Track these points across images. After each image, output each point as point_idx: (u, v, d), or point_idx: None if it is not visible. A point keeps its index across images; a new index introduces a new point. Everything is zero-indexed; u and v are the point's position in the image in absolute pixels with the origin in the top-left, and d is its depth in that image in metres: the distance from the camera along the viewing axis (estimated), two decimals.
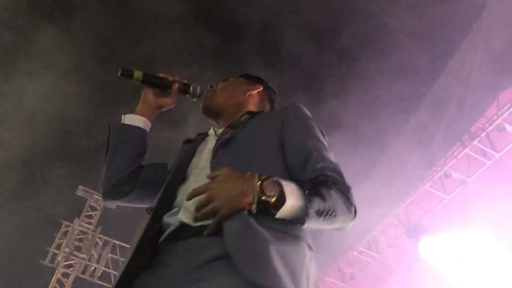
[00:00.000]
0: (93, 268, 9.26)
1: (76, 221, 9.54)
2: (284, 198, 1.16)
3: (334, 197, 1.23)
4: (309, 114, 1.53)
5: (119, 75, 1.58)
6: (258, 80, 1.82)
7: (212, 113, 1.70)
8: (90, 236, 9.48)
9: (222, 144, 1.39)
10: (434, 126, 6.26)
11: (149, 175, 1.57)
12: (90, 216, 9.84)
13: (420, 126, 6.43)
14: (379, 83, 6.71)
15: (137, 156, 1.57)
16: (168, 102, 1.68)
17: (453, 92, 6.13)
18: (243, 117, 1.55)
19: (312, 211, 1.17)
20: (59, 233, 9.35)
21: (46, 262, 9.05)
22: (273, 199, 1.15)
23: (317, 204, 1.18)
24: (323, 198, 1.20)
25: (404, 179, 6.78)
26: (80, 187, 9.91)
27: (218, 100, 1.69)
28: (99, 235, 9.61)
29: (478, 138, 6.14)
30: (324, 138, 1.48)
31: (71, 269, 9.18)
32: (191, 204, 1.23)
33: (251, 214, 1.14)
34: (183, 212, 1.28)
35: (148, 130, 1.64)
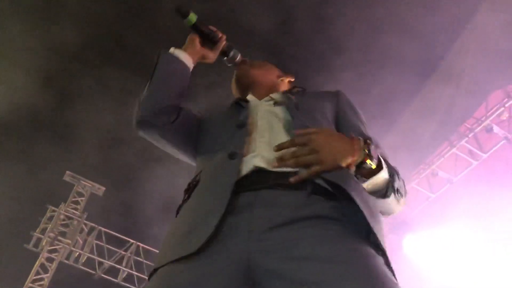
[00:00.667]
0: (77, 254, 9.23)
1: (62, 206, 9.48)
2: (381, 167, 1.15)
3: (401, 179, 1.25)
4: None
5: (175, 11, 1.55)
6: (290, 73, 1.85)
7: (247, 82, 1.68)
8: (75, 222, 9.43)
9: (294, 107, 1.36)
10: (423, 124, 6.31)
11: (189, 118, 1.48)
12: (76, 202, 9.78)
13: (409, 124, 6.47)
14: (367, 79, 6.73)
15: (182, 91, 1.50)
16: (210, 55, 1.64)
17: (443, 92, 6.17)
18: (295, 89, 1.57)
19: (393, 187, 1.18)
20: (44, 217, 9.29)
21: (30, 246, 9.01)
22: (374, 166, 1.13)
23: (397, 181, 1.19)
24: (398, 176, 1.22)
25: None
26: (68, 172, 9.85)
27: (256, 72, 1.69)
28: (85, 221, 9.56)
29: (466, 138, 6.20)
30: None
31: (55, 254, 9.15)
32: (273, 154, 1.13)
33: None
34: (260, 158, 1.14)
35: (191, 67, 1.58)
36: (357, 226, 1.00)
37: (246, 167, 1.13)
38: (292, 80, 1.79)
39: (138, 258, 9.62)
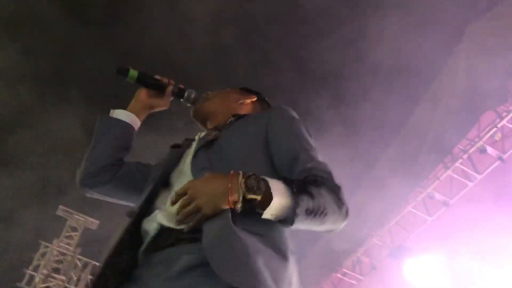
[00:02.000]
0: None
1: (55, 241, 9.32)
2: (270, 195, 1.10)
3: (324, 196, 1.19)
4: (295, 114, 1.49)
5: (115, 72, 1.59)
6: (254, 92, 1.82)
7: (201, 117, 1.70)
8: (69, 257, 9.25)
9: (204, 145, 1.37)
10: (417, 148, 6.32)
11: (130, 171, 1.55)
12: (70, 237, 9.63)
13: (403, 148, 6.48)
14: (363, 106, 6.77)
15: (119, 149, 1.56)
16: (160, 103, 1.68)
17: (435, 115, 6.21)
18: (229, 120, 1.55)
19: (301, 210, 1.12)
20: (37, 254, 9.11)
21: (23, 284, 8.80)
22: (259, 197, 1.09)
23: (305, 202, 1.13)
24: (312, 196, 1.15)
25: (387, 201, 6.80)
26: (60, 206, 9.72)
27: (209, 105, 1.69)
28: (79, 256, 9.39)
29: (460, 160, 6.21)
30: (311, 138, 1.45)
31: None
32: (172, 208, 1.16)
33: (234, 215, 1.09)
34: (162, 215, 1.21)
35: (136, 127, 1.64)
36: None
37: (152, 225, 1.22)
38: (254, 100, 1.76)
39: None
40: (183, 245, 1.12)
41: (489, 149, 5.96)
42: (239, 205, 1.09)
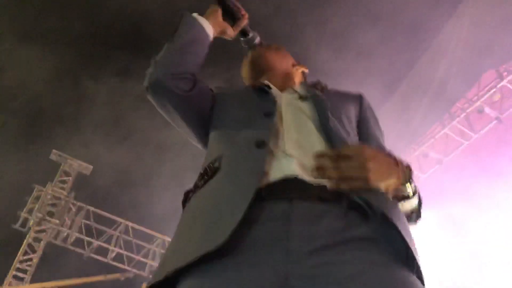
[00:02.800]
0: (66, 233, 9.15)
1: (49, 185, 9.36)
2: (416, 193, 1.11)
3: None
4: None
5: None
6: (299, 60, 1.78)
7: (262, 65, 1.58)
8: (63, 201, 9.33)
9: (323, 104, 1.28)
10: (415, 104, 6.28)
11: (203, 91, 1.36)
12: (63, 181, 9.66)
13: (401, 104, 6.44)
14: (359, 57, 6.65)
15: (200, 60, 1.38)
16: (230, 31, 1.54)
17: (436, 71, 6.13)
18: (318, 84, 1.48)
19: (418, 215, 1.15)
20: (31, 197, 9.17)
21: (17, 226, 8.91)
22: (411, 194, 1.08)
23: (422, 208, 1.16)
24: (420, 200, 1.15)
25: None
26: (54, 150, 9.69)
27: (272, 56, 1.60)
28: (73, 201, 9.46)
29: (457, 118, 6.19)
30: None
31: (43, 234, 9.07)
32: (308, 160, 1.01)
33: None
34: (296, 164, 1.05)
35: (212, 38, 1.48)
36: (396, 247, 0.94)
37: (278, 169, 1.03)
38: (306, 71, 1.69)
39: (127, 237, 9.57)
40: (324, 204, 0.98)
41: (487, 110, 5.93)
42: (392, 191, 1.02)
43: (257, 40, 1.62)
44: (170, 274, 0.86)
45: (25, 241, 8.87)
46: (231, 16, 1.53)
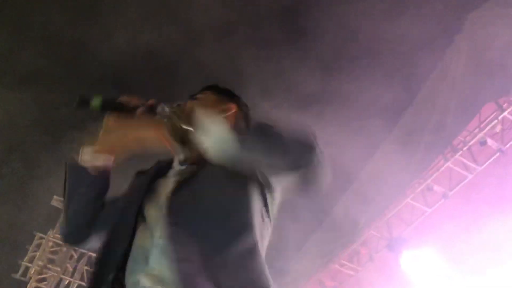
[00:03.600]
0: (67, 281, 8.98)
1: (50, 232, 9.25)
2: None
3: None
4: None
5: (76, 106, 1.37)
6: (230, 96, 1.65)
7: (180, 137, 1.46)
8: (64, 248, 9.19)
9: (182, 185, 1.29)
10: (416, 138, 6.27)
11: (107, 216, 1.40)
12: None
13: (403, 138, 6.42)
14: (362, 89, 6.69)
15: (95, 199, 1.42)
16: (149, 132, 1.45)
17: (436, 104, 6.15)
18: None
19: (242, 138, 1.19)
20: (32, 245, 9.05)
21: (18, 276, 8.75)
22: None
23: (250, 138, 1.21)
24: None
25: (385, 192, 6.76)
26: (55, 197, 9.63)
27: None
28: (74, 248, 9.33)
29: (460, 152, 6.17)
30: None
31: (44, 283, 8.89)
32: (159, 270, 1.14)
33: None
34: (148, 280, 1.16)
35: (110, 166, 1.44)
36: None
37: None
38: (234, 110, 1.58)
39: None
40: None
41: (490, 141, 5.92)
42: None
43: (167, 109, 1.43)
44: None
45: None
46: (128, 111, 1.42)
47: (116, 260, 1.22)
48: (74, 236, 1.44)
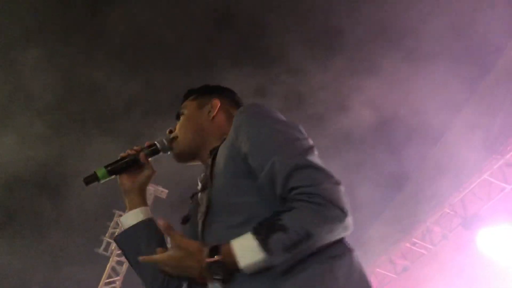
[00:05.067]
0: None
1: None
2: (235, 264, 1.10)
3: (301, 217, 1.08)
4: (262, 110, 1.31)
5: (85, 185, 1.48)
6: (209, 92, 1.62)
7: (187, 160, 1.57)
8: None
9: (205, 217, 1.29)
10: (495, 111, 5.93)
11: None
12: None
13: (480, 111, 6.11)
14: (439, 65, 6.41)
15: (156, 246, 1.42)
16: (147, 173, 1.54)
17: None
18: (209, 163, 1.39)
19: (276, 255, 1.06)
20: (112, 222, 9.61)
21: (101, 250, 9.34)
22: (223, 268, 1.11)
23: (278, 243, 1.06)
24: (284, 229, 1.07)
25: (460, 168, 6.49)
26: None
27: (184, 146, 1.53)
28: None
29: None
30: (292, 128, 1.27)
31: (123, 257, 9.43)
32: None
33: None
34: None
35: (149, 215, 1.51)
36: None
37: None
38: (218, 105, 1.56)
39: None
40: None
41: None
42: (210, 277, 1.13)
43: (166, 142, 1.55)
44: None
45: (108, 264, 9.28)
46: (135, 166, 1.52)
47: None
48: None
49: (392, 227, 7.61)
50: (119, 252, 9.36)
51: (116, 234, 1.53)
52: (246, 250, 1.09)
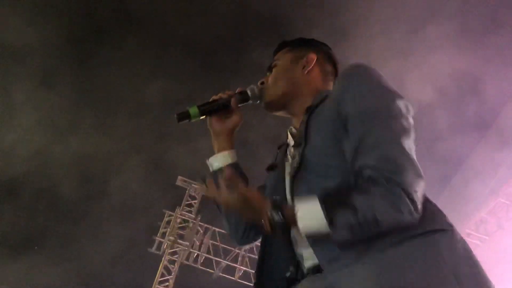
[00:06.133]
0: (196, 254, 9.63)
1: (177, 210, 9.96)
2: (295, 222, 1.12)
3: (374, 201, 1.06)
4: (372, 74, 1.26)
5: (177, 122, 1.48)
6: (305, 45, 1.59)
7: (277, 110, 1.56)
8: (191, 224, 9.87)
9: (295, 173, 1.28)
10: None
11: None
12: (190, 205, 10.23)
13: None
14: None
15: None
16: (235, 119, 1.55)
17: None
18: (304, 120, 1.37)
19: (340, 231, 1.05)
20: (163, 222, 9.84)
21: (153, 249, 9.57)
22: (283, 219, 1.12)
23: (345, 219, 1.05)
24: (355, 209, 1.05)
25: None
26: (179, 177, 10.33)
27: (275, 95, 1.52)
28: (200, 223, 9.97)
29: None
30: (397, 99, 1.21)
31: (175, 256, 9.63)
32: (309, 254, 1.22)
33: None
34: (309, 259, 1.26)
35: (236, 159, 1.53)
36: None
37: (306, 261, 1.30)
38: (314, 60, 1.53)
39: (253, 256, 9.79)
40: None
41: None
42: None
43: (257, 90, 1.55)
44: None
45: (161, 263, 9.50)
46: (224, 109, 1.53)
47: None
48: (245, 240, 1.54)
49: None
50: (170, 250, 9.59)
51: (207, 178, 1.54)
52: (310, 215, 1.10)
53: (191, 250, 9.60)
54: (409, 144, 1.14)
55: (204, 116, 1.52)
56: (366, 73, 1.27)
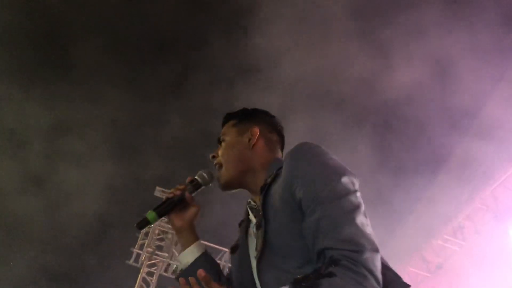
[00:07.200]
0: (175, 266, 9.50)
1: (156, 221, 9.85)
2: None
3: (340, 282, 1.09)
4: (312, 154, 1.34)
5: (139, 229, 1.54)
6: (248, 118, 1.64)
7: (233, 189, 1.60)
8: (170, 235, 9.75)
9: (260, 255, 1.33)
10: None
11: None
12: None
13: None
14: None
15: (214, 278, 1.44)
16: (193, 210, 1.58)
17: None
18: (260, 200, 1.40)
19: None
20: (141, 234, 9.71)
21: (131, 262, 9.43)
22: None
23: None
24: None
25: (492, 159, 6.35)
26: (157, 188, 10.22)
27: (228, 176, 1.56)
28: None
29: None
30: (344, 176, 1.27)
31: (154, 268, 9.50)
32: None
33: None
34: None
35: (203, 249, 1.57)
36: None
37: None
38: (258, 133, 1.58)
39: None
40: None
41: None
42: None
43: (207, 175, 1.59)
44: None
45: (139, 275, 9.36)
46: (181, 205, 1.56)
47: None
48: None
49: (422, 224, 7.48)
50: (149, 262, 9.45)
51: (176, 270, 1.60)
52: None
53: (170, 261, 9.48)
54: (361, 219, 1.20)
55: (161, 217, 1.56)
56: (310, 153, 1.34)
